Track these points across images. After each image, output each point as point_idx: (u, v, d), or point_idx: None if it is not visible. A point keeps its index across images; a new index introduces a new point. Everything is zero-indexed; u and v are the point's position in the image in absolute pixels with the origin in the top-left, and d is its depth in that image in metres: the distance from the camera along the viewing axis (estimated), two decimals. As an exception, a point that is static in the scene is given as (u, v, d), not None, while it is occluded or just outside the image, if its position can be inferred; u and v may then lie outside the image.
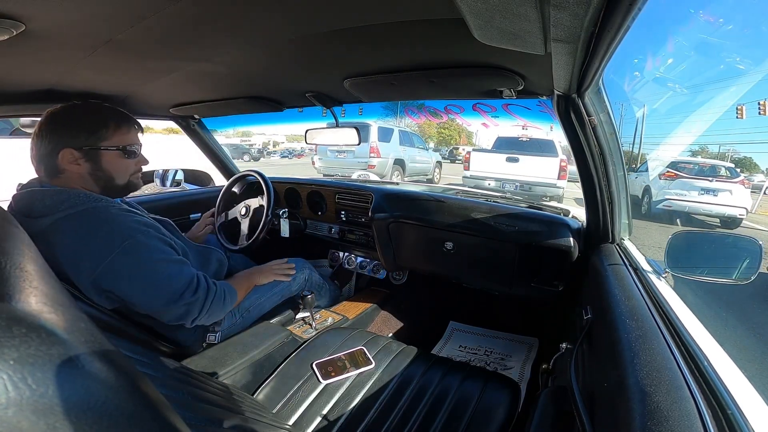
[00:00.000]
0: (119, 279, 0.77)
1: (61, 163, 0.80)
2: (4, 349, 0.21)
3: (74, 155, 0.80)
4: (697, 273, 0.77)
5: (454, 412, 0.85)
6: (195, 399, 0.55)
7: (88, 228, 0.75)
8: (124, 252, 0.76)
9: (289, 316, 1.25)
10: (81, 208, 0.76)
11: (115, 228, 0.77)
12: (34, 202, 0.76)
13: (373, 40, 0.68)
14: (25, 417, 0.19)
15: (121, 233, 0.77)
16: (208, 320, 0.92)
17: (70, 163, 0.80)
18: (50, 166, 0.81)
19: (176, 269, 0.84)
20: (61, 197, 0.77)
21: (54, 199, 0.76)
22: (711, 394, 0.42)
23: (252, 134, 24.94)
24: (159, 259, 0.82)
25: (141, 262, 0.78)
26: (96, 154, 0.82)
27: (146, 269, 0.79)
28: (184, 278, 0.85)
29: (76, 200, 0.77)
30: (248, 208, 1.43)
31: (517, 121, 7.04)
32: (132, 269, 0.77)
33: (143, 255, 0.79)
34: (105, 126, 0.83)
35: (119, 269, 0.76)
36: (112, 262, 0.75)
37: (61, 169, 0.81)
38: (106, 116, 0.84)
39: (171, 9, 0.54)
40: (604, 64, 0.55)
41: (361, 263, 1.61)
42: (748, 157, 16.64)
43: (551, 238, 1.07)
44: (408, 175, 7.84)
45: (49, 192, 0.77)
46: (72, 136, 0.80)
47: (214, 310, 0.91)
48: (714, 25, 17.95)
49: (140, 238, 0.79)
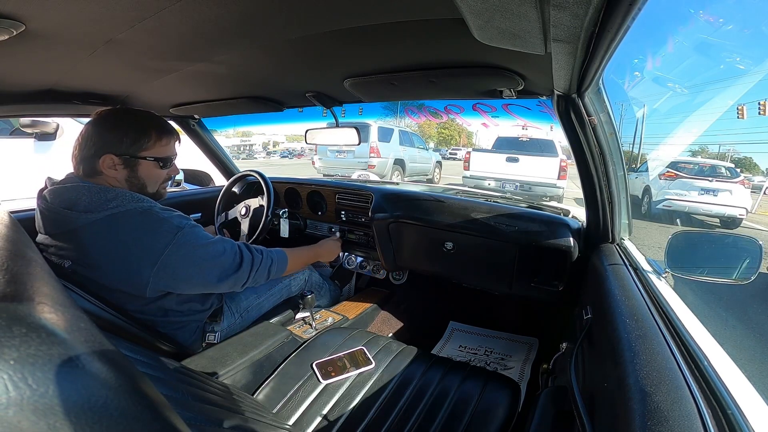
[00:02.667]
0: (177, 267, 0.83)
1: (101, 167, 0.84)
2: (4, 349, 0.21)
3: (114, 161, 0.84)
4: (697, 273, 0.77)
5: (454, 412, 0.85)
6: (195, 399, 0.55)
7: (144, 225, 0.80)
8: (177, 244, 0.82)
9: (289, 316, 1.25)
10: (132, 207, 0.81)
11: (166, 224, 0.82)
12: (80, 197, 0.79)
13: (373, 40, 0.68)
14: (26, 417, 0.19)
15: (172, 228, 0.83)
16: (256, 284, 0.99)
17: (109, 168, 0.84)
18: (90, 167, 0.84)
19: (221, 248, 0.90)
20: (108, 195, 0.80)
21: (101, 196, 0.79)
22: (711, 394, 0.42)
23: (252, 134, 24.96)
24: (205, 243, 0.87)
25: (193, 249, 0.85)
26: (135, 162, 0.87)
27: (198, 255, 0.86)
28: (228, 254, 0.91)
29: (124, 199, 0.81)
30: (248, 208, 1.43)
31: (517, 121, 7.07)
32: (187, 257, 0.84)
33: (193, 243, 0.85)
34: (148, 136, 0.87)
35: (176, 259, 0.82)
36: (169, 254, 0.81)
37: (99, 171, 0.84)
38: (150, 126, 0.89)
39: (171, 9, 0.54)
40: (604, 64, 0.55)
41: (361, 263, 1.61)
42: (748, 157, 16.66)
43: (551, 238, 1.07)
44: (408, 175, 7.84)
45: (95, 189, 0.80)
46: (116, 143, 0.84)
47: (260, 276, 0.98)
48: (714, 25, 17.96)
49: (187, 229, 0.85)
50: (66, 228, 0.79)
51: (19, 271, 0.30)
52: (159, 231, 0.81)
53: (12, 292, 0.26)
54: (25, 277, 0.29)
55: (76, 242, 0.78)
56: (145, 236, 0.80)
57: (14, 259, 0.32)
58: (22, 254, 0.34)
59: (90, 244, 0.78)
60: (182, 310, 0.95)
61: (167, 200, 1.58)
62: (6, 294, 0.25)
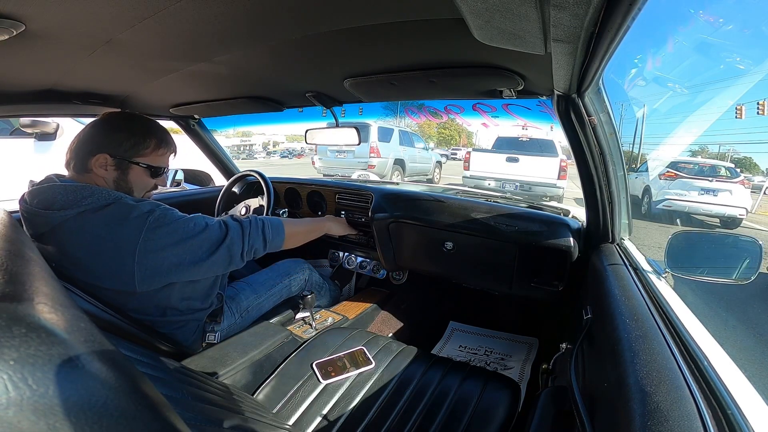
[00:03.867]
0: (159, 251, 0.80)
1: (92, 165, 0.83)
2: (4, 349, 0.21)
3: (107, 161, 0.84)
4: (697, 273, 0.77)
5: (454, 412, 0.85)
6: (195, 399, 0.55)
7: (117, 217, 0.79)
8: (150, 228, 0.79)
9: (289, 316, 1.25)
10: (106, 202, 0.79)
11: (135, 210, 0.80)
12: (55, 195, 0.78)
13: (373, 40, 0.68)
14: (26, 417, 0.19)
15: (142, 213, 0.80)
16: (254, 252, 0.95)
17: (100, 167, 0.84)
18: (81, 163, 0.84)
19: (201, 222, 0.88)
20: (84, 192, 0.79)
21: (77, 193, 0.78)
22: (711, 394, 0.42)
23: (252, 134, 24.96)
24: (182, 219, 0.85)
25: (170, 229, 0.82)
26: (127, 166, 0.86)
27: (177, 232, 0.83)
28: (213, 226, 0.89)
29: (100, 195, 0.80)
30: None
31: (517, 121, 7.06)
32: (166, 238, 0.81)
33: (167, 222, 0.82)
34: (147, 144, 0.88)
35: (155, 243, 0.80)
36: (145, 240, 0.78)
37: (88, 169, 0.84)
38: (152, 134, 0.89)
39: (171, 9, 0.54)
40: (604, 64, 0.55)
41: (361, 263, 1.61)
42: (748, 157, 16.66)
43: (551, 238, 1.07)
44: (408, 175, 7.84)
45: (71, 187, 0.79)
46: (115, 144, 0.84)
47: (254, 240, 0.94)
48: (714, 25, 17.96)
49: (159, 212, 0.82)
50: (45, 228, 0.78)
51: (18, 271, 0.30)
52: (129, 218, 0.79)
53: (12, 292, 0.26)
54: (24, 277, 0.29)
55: (56, 242, 0.78)
56: (117, 226, 0.78)
57: (14, 259, 0.32)
58: (22, 254, 0.34)
59: (68, 242, 0.77)
60: (181, 308, 0.94)
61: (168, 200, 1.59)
62: (6, 294, 0.25)
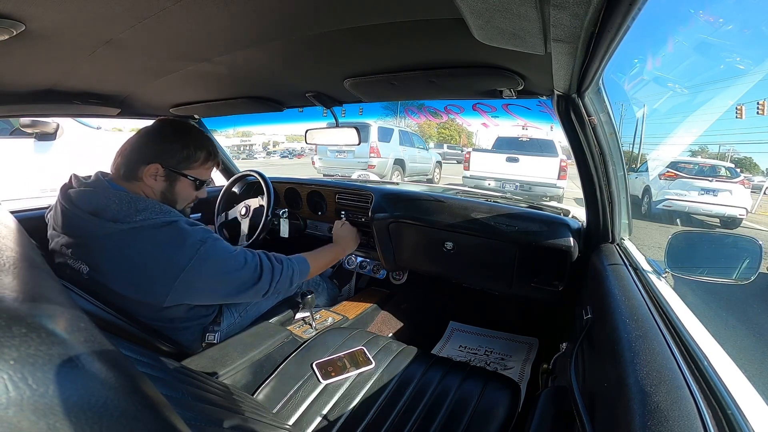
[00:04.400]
0: (199, 281, 0.82)
1: (143, 174, 0.84)
2: (4, 349, 0.21)
3: (159, 171, 0.85)
4: (697, 273, 0.77)
5: (454, 412, 0.85)
6: (195, 399, 0.55)
7: (174, 240, 0.80)
8: (200, 258, 0.81)
9: (288, 316, 1.25)
10: (161, 220, 0.80)
11: (190, 238, 0.81)
12: (108, 203, 0.78)
13: (373, 40, 0.68)
14: (26, 417, 0.19)
15: (196, 242, 0.81)
16: (278, 294, 0.99)
17: (150, 176, 0.85)
18: (132, 170, 0.84)
19: (242, 260, 0.88)
20: (139, 205, 0.79)
21: (131, 206, 0.78)
22: (711, 394, 0.42)
23: (252, 134, 24.95)
24: (227, 257, 0.86)
25: (215, 263, 0.84)
26: (176, 177, 0.89)
27: (219, 268, 0.84)
28: (250, 266, 0.90)
29: (153, 211, 0.80)
30: (248, 208, 1.43)
31: (517, 121, 7.05)
32: (209, 271, 0.83)
33: (215, 256, 0.84)
34: (198, 156, 0.90)
35: (198, 273, 0.81)
36: (192, 267, 0.80)
37: (138, 177, 0.84)
38: (203, 147, 0.91)
39: (171, 9, 0.54)
40: (604, 64, 0.55)
41: (361, 263, 1.61)
42: (748, 157, 16.64)
43: (551, 238, 1.07)
44: (408, 175, 7.84)
45: (125, 197, 0.79)
46: (169, 155, 0.86)
47: (281, 286, 0.96)
48: (714, 25, 17.96)
49: (210, 242, 0.84)
50: (88, 233, 0.77)
51: (18, 272, 0.30)
52: (184, 245, 0.80)
53: (12, 292, 0.26)
54: (25, 278, 0.29)
55: (98, 249, 0.77)
56: (170, 249, 0.79)
57: (14, 259, 0.32)
58: (22, 254, 0.34)
59: (113, 254, 0.77)
60: (188, 316, 0.95)
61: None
62: (6, 294, 0.25)
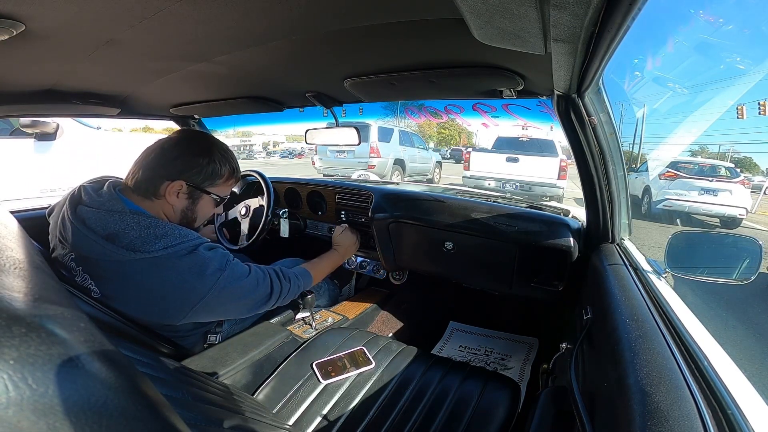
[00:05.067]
0: (216, 306, 0.80)
1: (167, 191, 0.80)
2: (4, 349, 0.21)
3: (183, 188, 0.81)
4: (697, 273, 0.77)
5: (454, 412, 0.85)
6: (195, 399, 0.55)
7: (195, 269, 0.76)
8: (219, 287, 0.78)
9: (289, 316, 1.25)
10: (181, 248, 0.75)
11: (210, 268, 0.78)
12: (126, 230, 0.72)
13: (373, 40, 0.68)
14: (25, 417, 0.19)
15: (216, 272, 0.78)
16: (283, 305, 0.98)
17: (173, 194, 0.81)
18: (154, 186, 0.79)
19: (254, 282, 0.86)
20: (158, 232, 0.74)
21: (150, 232, 0.73)
22: (711, 394, 0.42)
23: (252, 134, 24.95)
24: (243, 283, 0.83)
25: (232, 290, 0.81)
26: (199, 195, 0.85)
27: (235, 294, 0.82)
28: (261, 287, 0.88)
29: (172, 238, 0.75)
30: (248, 208, 1.43)
31: (517, 121, 7.05)
32: (226, 298, 0.80)
33: (233, 284, 0.81)
34: (222, 174, 0.87)
35: (217, 300, 0.79)
36: (211, 296, 0.77)
37: (160, 195, 0.80)
38: (227, 162, 0.88)
39: (171, 9, 0.54)
40: (604, 64, 0.55)
41: (361, 263, 1.61)
42: (748, 157, 16.63)
43: (551, 238, 1.07)
44: (408, 175, 7.84)
45: (144, 224, 0.74)
46: (195, 171, 0.82)
47: (288, 299, 0.96)
48: (714, 25, 17.97)
49: (228, 270, 0.80)
50: (101, 257, 0.72)
51: (19, 272, 0.30)
52: (204, 275, 0.76)
53: (12, 292, 0.26)
54: (24, 278, 0.29)
55: (112, 273, 0.73)
56: (190, 279, 0.75)
57: (14, 259, 0.32)
58: (22, 254, 0.34)
59: (128, 281, 0.73)
60: (193, 327, 0.95)
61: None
62: (6, 294, 0.25)
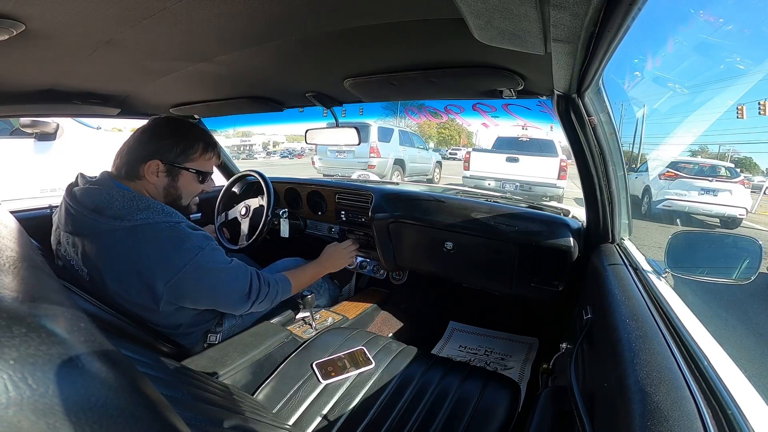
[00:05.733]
0: (189, 287, 0.83)
1: (144, 171, 0.85)
2: (4, 349, 0.21)
3: (159, 167, 0.86)
4: (697, 273, 0.77)
5: (454, 412, 0.85)
6: (195, 399, 0.55)
7: (172, 241, 0.80)
8: (195, 264, 0.81)
9: (289, 316, 1.25)
10: (160, 220, 0.80)
11: (188, 243, 0.82)
12: (111, 201, 0.79)
13: (373, 40, 0.68)
14: (26, 417, 0.19)
15: (194, 248, 0.82)
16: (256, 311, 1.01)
17: (152, 174, 0.86)
18: (133, 170, 0.85)
19: (233, 276, 0.90)
20: (141, 204, 0.80)
21: (133, 204, 0.79)
22: (711, 394, 0.42)
23: (252, 134, 24.94)
24: (220, 268, 0.87)
25: (208, 273, 0.84)
26: (177, 171, 0.89)
27: (211, 279, 0.85)
28: (240, 283, 0.92)
29: (155, 211, 0.81)
30: (248, 208, 1.43)
31: (517, 121, 7.07)
32: (201, 279, 0.84)
33: (209, 266, 0.84)
34: (195, 148, 0.90)
35: (191, 279, 0.82)
36: (185, 273, 0.80)
37: (140, 176, 0.85)
38: (199, 139, 0.91)
39: (171, 9, 0.54)
40: (604, 64, 0.55)
41: (361, 263, 1.61)
42: (748, 157, 16.61)
43: (551, 238, 1.07)
44: (408, 175, 7.84)
45: (129, 196, 0.80)
46: (166, 150, 0.86)
47: (263, 306, 0.99)
48: (714, 25, 17.98)
49: (207, 251, 0.84)
50: (90, 231, 0.78)
51: (18, 272, 0.30)
52: (182, 248, 0.80)
53: (12, 292, 0.26)
54: (24, 278, 0.29)
55: (98, 246, 0.78)
56: (168, 250, 0.79)
57: (14, 259, 0.32)
58: (22, 254, 0.34)
59: (111, 251, 0.77)
60: (193, 322, 0.96)
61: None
62: (6, 294, 0.25)
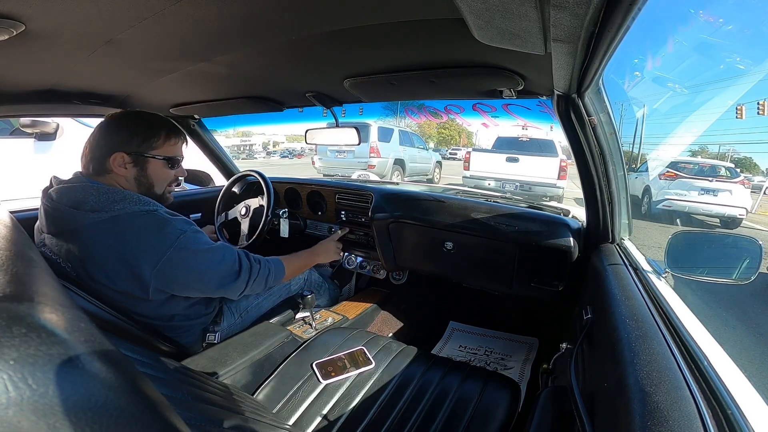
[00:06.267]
0: (176, 271, 0.83)
1: (111, 165, 0.85)
2: (4, 349, 0.21)
3: (124, 159, 0.86)
4: (697, 273, 0.77)
5: (454, 412, 0.85)
6: (195, 399, 0.55)
7: (152, 227, 0.82)
8: (178, 247, 0.82)
9: (289, 316, 1.25)
10: (137, 209, 0.81)
11: (169, 226, 0.83)
12: (87, 196, 0.80)
13: (373, 40, 0.68)
14: (26, 417, 0.19)
15: (175, 231, 0.83)
16: (252, 293, 1.01)
17: (119, 166, 0.86)
18: (100, 166, 0.85)
19: (220, 255, 0.91)
20: (116, 196, 0.81)
21: (109, 197, 0.80)
22: (711, 394, 0.42)
23: (252, 134, 24.94)
24: (206, 249, 0.88)
25: (193, 254, 0.85)
26: (144, 161, 0.88)
27: (197, 260, 0.86)
28: (228, 262, 0.92)
29: (131, 201, 0.82)
30: (248, 208, 1.43)
31: (517, 121, 7.07)
32: (186, 262, 0.84)
33: (194, 248, 0.85)
34: (157, 135, 0.89)
35: (176, 262, 0.82)
36: (170, 256, 0.81)
37: (108, 170, 0.85)
38: (160, 126, 0.91)
39: (171, 9, 0.54)
40: (604, 64, 0.55)
41: (361, 263, 1.61)
42: (748, 157, 16.60)
43: (551, 238, 1.07)
44: (408, 175, 7.84)
45: (103, 189, 0.81)
46: (127, 141, 0.86)
47: (257, 286, 0.99)
48: (714, 25, 17.98)
49: (189, 234, 0.85)
50: (70, 227, 0.79)
51: (19, 272, 0.30)
52: (162, 232, 0.81)
53: (12, 292, 0.26)
54: (25, 278, 0.29)
55: (80, 241, 0.78)
56: (149, 237, 0.80)
57: (14, 259, 0.32)
58: (22, 254, 0.34)
59: (93, 244, 0.78)
60: (188, 314, 0.95)
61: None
62: (6, 294, 0.25)
